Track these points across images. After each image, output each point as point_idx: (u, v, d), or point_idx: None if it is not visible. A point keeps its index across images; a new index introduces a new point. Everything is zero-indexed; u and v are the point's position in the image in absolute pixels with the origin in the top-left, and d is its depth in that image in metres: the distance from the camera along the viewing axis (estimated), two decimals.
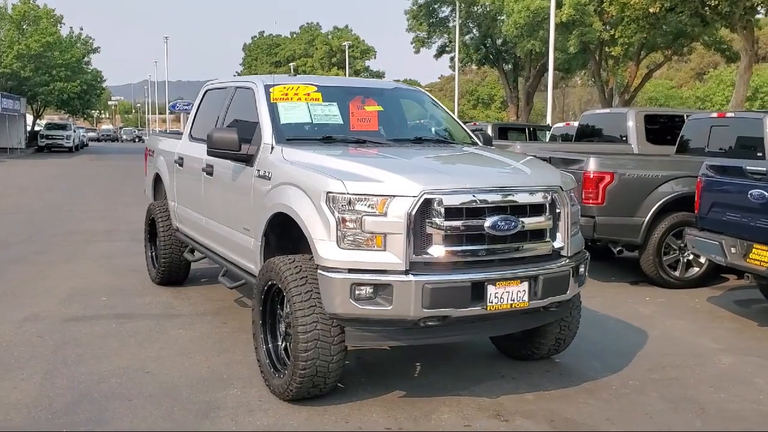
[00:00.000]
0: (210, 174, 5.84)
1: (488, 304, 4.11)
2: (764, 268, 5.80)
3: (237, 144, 5.05)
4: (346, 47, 61.00)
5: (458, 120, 6.09)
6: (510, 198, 4.26)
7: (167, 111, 71.33)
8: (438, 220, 4.03)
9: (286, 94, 5.41)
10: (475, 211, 4.14)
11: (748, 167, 5.99)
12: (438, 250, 4.05)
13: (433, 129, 5.88)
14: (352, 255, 4.05)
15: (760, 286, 7.06)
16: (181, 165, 6.69)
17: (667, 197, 7.69)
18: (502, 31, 30.29)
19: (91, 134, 74.64)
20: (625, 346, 5.71)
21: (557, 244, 4.46)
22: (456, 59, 36.36)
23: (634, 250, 8.06)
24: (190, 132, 6.77)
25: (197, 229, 6.29)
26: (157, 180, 7.87)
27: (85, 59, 49.02)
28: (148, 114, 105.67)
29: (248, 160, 5.10)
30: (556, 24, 23.47)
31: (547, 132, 18.27)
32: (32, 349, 5.40)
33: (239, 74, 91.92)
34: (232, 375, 4.94)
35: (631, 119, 11.21)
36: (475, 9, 35.85)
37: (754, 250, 5.96)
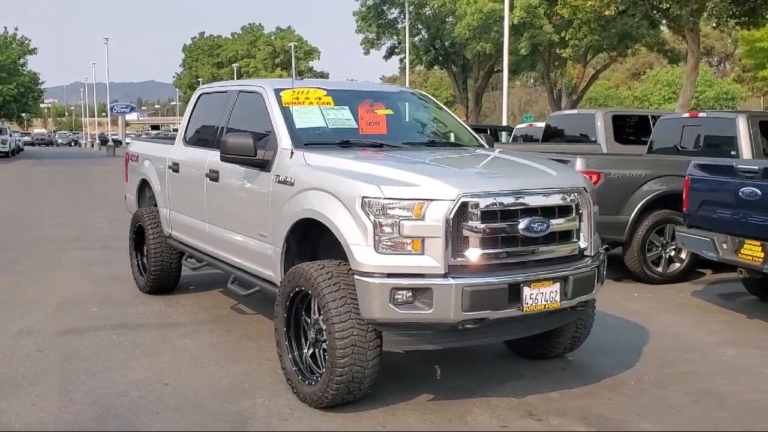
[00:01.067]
0: (215, 180, 5.74)
1: (524, 305, 4.17)
2: (758, 262, 6.03)
3: (253, 149, 4.98)
4: (292, 48, 60.57)
5: (462, 122, 6.14)
6: (541, 200, 4.33)
7: (108, 113, 69.41)
8: (474, 223, 4.07)
9: (297, 98, 5.36)
10: (510, 214, 4.19)
11: (739, 165, 6.22)
12: (474, 253, 4.09)
13: (442, 132, 5.91)
14: (390, 260, 4.05)
15: (743, 280, 7.34)
16: (176, 171, 6.55)
17: (651, 195, 7.92)
18: (455, 34, 30.58)
19: (26, 138, 72.14)
20: (629, 343, 5.86)
21: (582, 245, 4.55)
22: (407, 60, 36.56)
23: (618, 247, 8.27)
24: (185, 137, 6.64)
25: (198, 237, 6.17)
26: (143, 186, 7.70)
27: (21, 61, 47.41)
28: (85, 117, 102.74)
29: (264, 165, 5.03)
30: (509, 27, 23.84)
31: (505, 133, 18.52)
32: (37, 364, 5.21)
33: (178, 76, 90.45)
34: (253, 384, 4.87)
35: (599, 120, 11.48)
36: (424, 11, 36.13)
37: (745, 245, 6.19)
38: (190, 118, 6.67)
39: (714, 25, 20.86)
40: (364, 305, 4.09)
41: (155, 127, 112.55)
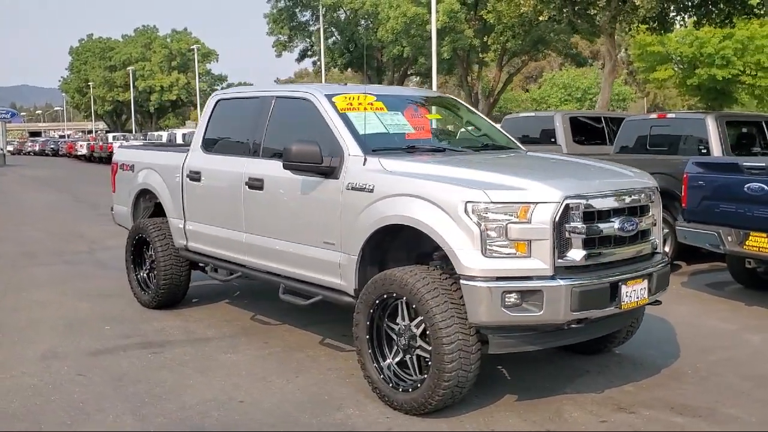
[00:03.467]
0: (258, 188, 5.57)
1: (622, 303, 4.31)
2: (766, 253, 6.47)
3: (320, 157, 4.88)
4: (195, 50, 58.96)
5: (494, 124, 6.24)
6: (630, 200, 4.49)
7: None
8: (577, 225, 4.17)
9: (351, 104, 5.30)
10: (606, 214, 4.33)
11: (745, 163, 6.65)
12: (577, 254, 4.19)
13: (487, 135, 5.97)
14: (497, 263, 4.09)
15: (731, 270, 7.83)
16: (196, 180, 6.30)
17: None
18: (378, 36, 30.79)
19: None
20: (660, 334, 6.12)
21: (655, 242, 4.75)
22: (322, 63, 36.42)
23: None
24: (204, 144, 6.40)
25: (231, 247, 5.95)
26: (139, 197, 7.35)
27: None
28: None
29: (330, 173, 4.94)
30: (430, 31, 24.25)
31: None
32: (88, 389, 4.90)
33: (65, 80, 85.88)
34: (331, 395, 4.77)
35: (558, 121, 11.91)
36: (337, 14, 36.11)
37: (751, 237, 6.62)
38: (207, 125, 6.43)
39: (626, 30, 21.99)
40: (472, 309, 4.11)
41: (36, 134, 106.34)
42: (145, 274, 7.23)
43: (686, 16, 18.40)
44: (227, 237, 5.98)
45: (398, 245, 4.94)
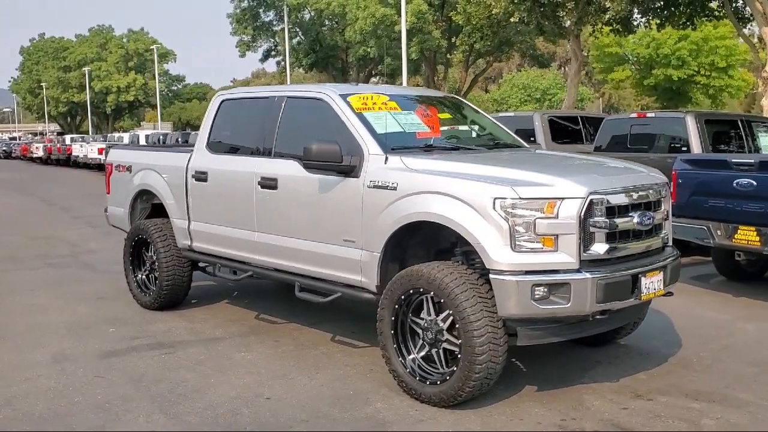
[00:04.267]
0: (272, 188, 5.60)
1: (641, 294, 4.49)
2: (756, 245, 6.74)
3: (340, 156, 4.95)
4: (155, 51, 58.11)
5: (498, 123, 6.37)
6: (645, 195, 4.67)
7: None
8: (600, 219, 4.32)
9: (365, 104, 5.38)
10: (625, 209, 4.49)
11: (734, 160, 6.92)
12: (600, 248, 4.34)
13: (492, 134, 6.10)
14: (526, 257, 4.22)
15: (715, 263, 8.12)
16: (202, 180, 6.29)
17: None
18: (346, 37, 30.82)
19: None
20: (660, 325, 6.34)
21: (666, 236, 4.94)
22: (287, 63, 36.27)
23: None
24: (208, 144, 6.40)
25: (241, 247, 5.97)
26: (138, 198, 7.31)
27: None
28: None
29: (350, 171, 5.02)
30: (399, 32, 24.42)
31: None
32: (110, 390, 4.88)
33: (15, 80, 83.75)
34: (356, 390, 4.84)
35: (537, 121, 12.14)
36: (302, 15, 36.03)
37: (739, 230, 6.90)
38: (212, 125, 6.43)
39: (590, 32, 22.48)
40: (502, 302, 4.23)
41: None
42: (144, 276, 7.19)
43: (650, 19, 18.84)
44: (237, 236, 5.99)
45: (417, 242, 5.04)
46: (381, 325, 4.79)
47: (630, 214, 4.51)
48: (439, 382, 4.49)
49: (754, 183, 6.71)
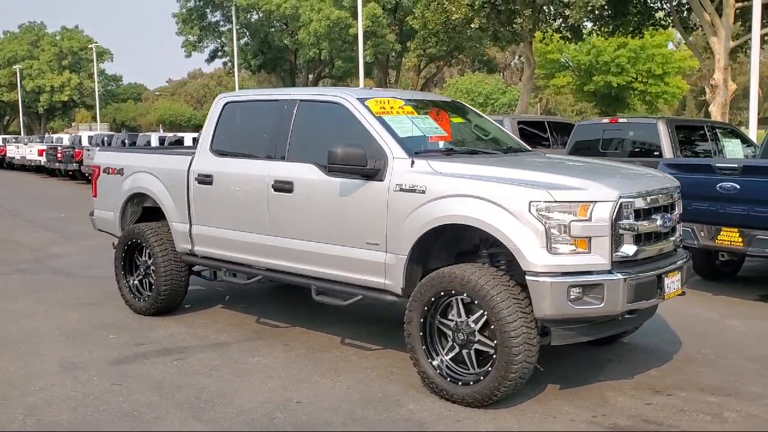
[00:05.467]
0: (287, 191, 5.58)
1: (664, 293, 4.67)
2: (740, 246, 7.07)
3: (365, 159, 4.98)
4: (94, 49, 56.46)
5: (501, 127, 6.50)
6: (665, 199, 4.86)
7: None
8: (629, 221, 4.48)
9: (383, 108, 5.42)
10: (650, 212, 4.67)
11: (718, 164, 7.23)
12: (629, 249, 4.49)
13: (499, 138, 6.20)
14: (561, 259, 4.34)
15: (694, 263, 8.44)
16: (207, 183, 6.21)
17: None
18: (299, 39, 30.64)
19: None
20: (655, 323, 6.52)
21: (678, 238, 5.15)
22: (235, 64, 35.81)
23: None
24: (212, 147, 6.32)
25: (251, 251, 5.91)
26: (130, 201, 7.15)
27: None
28: None
29: (374, 175, 5.05)
30: (354, 35, 24.48)
31: None
32: (133, 397, 4.78)
33: None
34: (384, 393, 4.88)
35: (507, 125, 12.37)
36: (249, 16, 35.68)
37: (722, 232, 7.22)
38: (215, 128, 6.35)
39: (540, 39, 23.04)
40: (538, 303, 4.34)
41: None
42: (137, 281, 7.04)
43: (601, 27, 19.43)
44: (247, 240, 5.93)
45: (439, 245, 5.10)
46: (409, 327, 4.83)
47: (653, 217, 4.69)
48: (472, 383, 4.56)
49: (738, 186, 7.03)
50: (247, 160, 5.99)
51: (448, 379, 4.67)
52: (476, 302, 4.49)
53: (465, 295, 4.55)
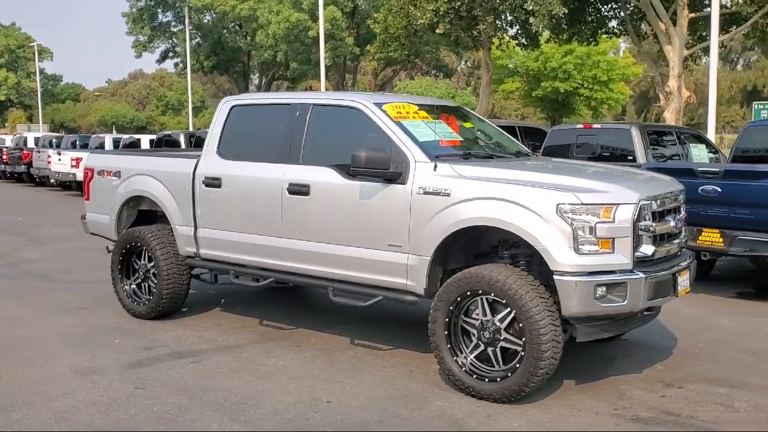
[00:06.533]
0: (303, 194, 5.64)
1: (678, 291, 4.93)
2: (721, 246, 7.44)
3: (388, 163, 5.09)
4: (35, 49, 54.79)
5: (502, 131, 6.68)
6: (675, 201, 5.12)
7: None
8: (647, 223, 4.71)
9: (400, 112, 5.54)
10: (663, 214, 4.92)
11: (700, 169, 7.59)
12: (648, 249, 4.73)
13: (502, 142, 6.37)
14: (587, 259, 4.54)
15: None
16: (215, 186, 6.21)
17: None
18: (257, 41, 30.38)
19: None
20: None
21: (683, 239, 5.42)
22: (188, 65, 35.24)
23: None
24: (219, 150, 6.32)
25: (265, 253, 5.94)
26: (127, 205, 7.07)
27: None
28: None
29: (396, 178, 5.16)
30: (313, 38, 24.48)
31: None
32: (162, 400, 4.77)
33: None
34: (409, 391, 4.99)
35: None
36: (202, 17, 35.25)
37: (704, 233, 7.59)
38: (222, 130, 6.36)
39: (497, 45, 23.48)
40: (566, 302, 4.53)
41: None
42: (135, 285, 6.97)
43: (559, 35, 19.95)
44: (259, 243, 5.96)
45: (458, 246, 5.25)
46: (434, 327, 4.96)
47: (666, 218, 4.94)
48: (499, 379, 4.71)
49: (719, 190, 7.40)
50: (258, 164, 6.01)
51: (474, 376, 4.82)
52: (504, 301, 4.65)
53: (492, 294, 4.70)
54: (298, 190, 5.67)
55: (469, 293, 4.80)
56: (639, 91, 67.96)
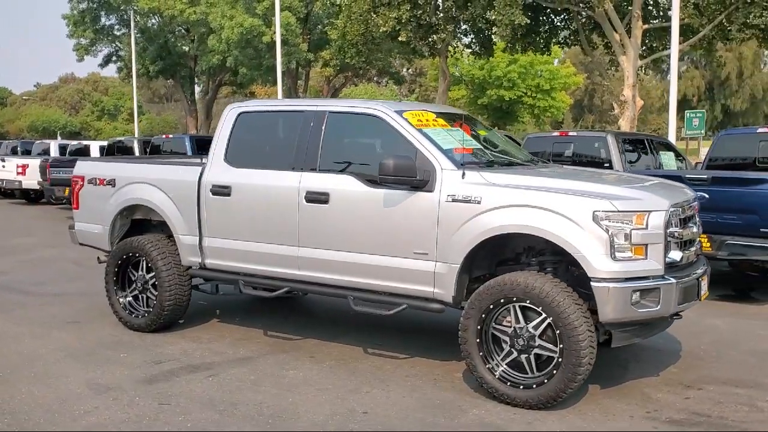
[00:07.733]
0: (322, 202, 5.56)
1: (701, 295, 5.06)
2: (709, 250, 7.67)
3: (415, 170, 5.08)
4: None
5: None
6: (694, 208, 5.26)
7: None
8: (674, 229, 4.83)
9: (421, 120, 5.54)
10: (686, 221, 5.05)
11: (688, 175, 7.83)
12: (676, 255, 4.85)
13: (516, 151, 6.44)
14: (623, 265, 4.63)
15: None
16: (225, 194, 6.07)
17: None
18: (209, 45, 29.80)
19: None
20: None
21: (698, 246, 5.58)
22: (134, 69, 34.33)
23: None
24: (226, 158, 6.18)
25: (280, 262, 5.83)
26: (122, 214, 6.84)
27: None
28: None
29: (423, 185, 5.15)
30: (266, 43, 24.24)
31: None
32: (193, 416, 4.64)
33: None
34: (442, 399, 4.98)
35: None
36: (147, 21, 34.47)
37: None
38: (229, 138, 6.22)
39: (452, 54, 23.77)
40: (603, 308, 4.60)
41: None
42: (131, 298, 6.75)
43: (514, 44, 20.30)
44: (273, 252, 5.85)
45: (482, 254, 5.26)
46: (465, 335, 4.96)
47: (689, 225, 5.08)
48: (535, 386, 4.74)
49: (707, 196, 7.61)
50: (271, 171, 5.91)
51: (508, 383, 4.84)
52: (540, 308, 4.69)
53: (528, 302, 4.73)
54: (317, 198, 5.60)
55: (502, 300, 4.82)
56: (574, 99, 69.90)
